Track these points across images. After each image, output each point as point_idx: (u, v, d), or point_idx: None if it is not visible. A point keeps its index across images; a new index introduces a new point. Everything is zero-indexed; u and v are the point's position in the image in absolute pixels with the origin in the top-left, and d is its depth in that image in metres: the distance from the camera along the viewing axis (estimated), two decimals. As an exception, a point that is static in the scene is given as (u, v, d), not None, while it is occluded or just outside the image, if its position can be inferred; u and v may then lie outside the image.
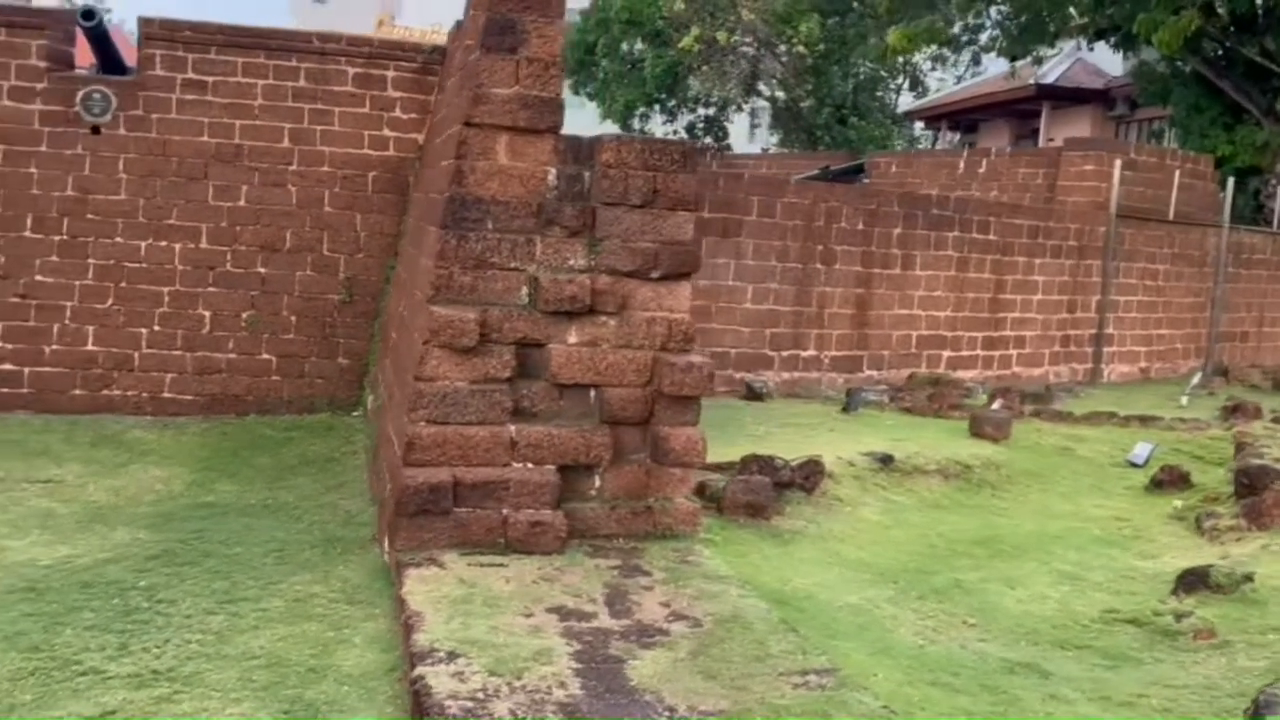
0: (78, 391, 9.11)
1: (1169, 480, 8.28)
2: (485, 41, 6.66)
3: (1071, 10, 20.92)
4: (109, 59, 9.72)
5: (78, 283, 9.14)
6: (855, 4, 26.14)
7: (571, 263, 6.58)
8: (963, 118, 32.09)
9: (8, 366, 9.01)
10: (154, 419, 9.12)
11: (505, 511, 5.97)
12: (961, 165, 17.41)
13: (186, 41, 9.29)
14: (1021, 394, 11.15)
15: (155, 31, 9.31)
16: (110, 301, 9.19)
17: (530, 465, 6.17)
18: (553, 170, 6.70)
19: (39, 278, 9.10)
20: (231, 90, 9.38)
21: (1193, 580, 5.73)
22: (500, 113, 6.65)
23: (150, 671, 4.53)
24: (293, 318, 9.49)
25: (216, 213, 9.38)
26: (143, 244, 9.24)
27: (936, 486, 7.97)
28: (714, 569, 5.95)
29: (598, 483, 6.39)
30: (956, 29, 23.09)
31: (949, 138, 32.86)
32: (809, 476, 7.31)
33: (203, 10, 9.58)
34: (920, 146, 32.30)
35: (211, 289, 9.38)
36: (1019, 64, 23.55)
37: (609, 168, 6.61)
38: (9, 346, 9.01)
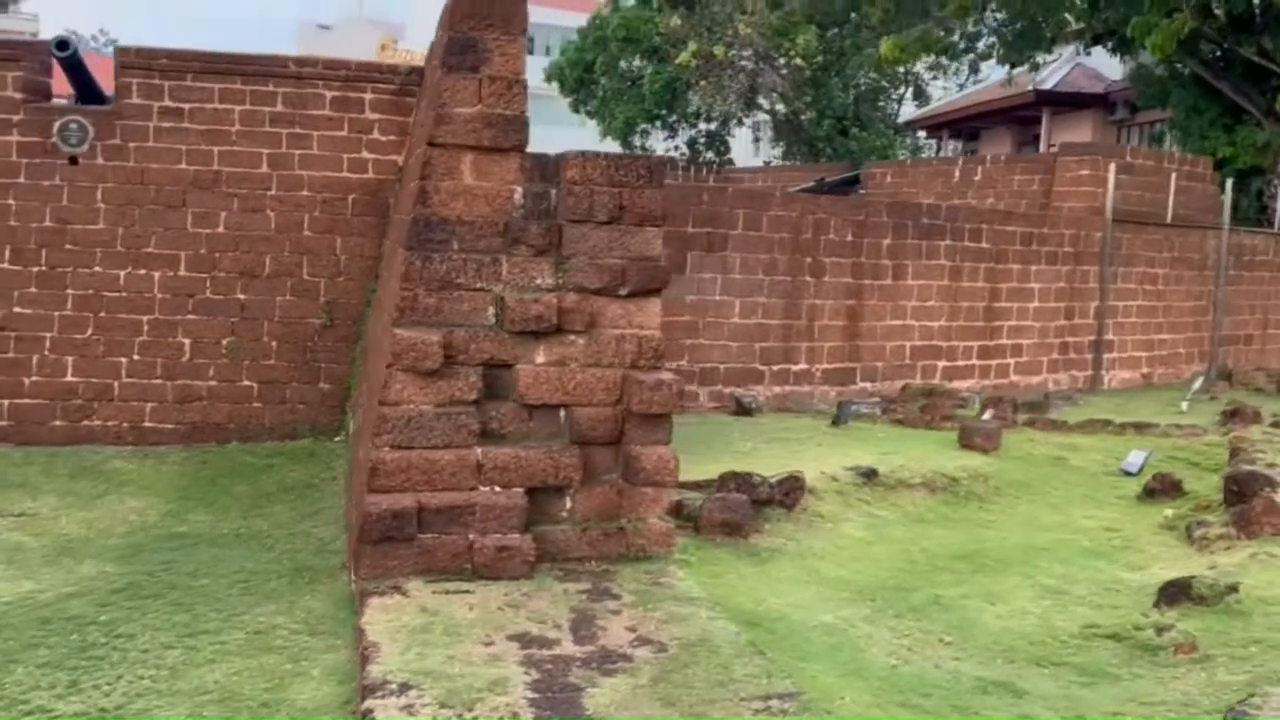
0: (58, 423, 9.06)
1: (1161, 488, 8.12)
2: (447, 60, 6.60)
3: (1067, 15, 20.79)
4: (87, 88, 9.71)
5: (57, 313, 9.10)
6: (852, 15, 26.09)
7: (539, 282, 6.50)
8: (964, 126, 31.96)
9: (-13, 399, 8.99)
10: (135, 449, 9.06)
11: (471, 536, 5.87)
12: (957, 173, 17.27)
13: (163, 69, 9.27)
14: (1016, 403, 10.99)
15: (131, 60, 9.29)
16: (90, 331, 9.15)
17: (498, 488, 6.08)
18: (519, 189, 6.63)
19: (17, 309, 9.06)
20: (209, 116, 9.35)
21: (1175, 592, 5.58)
22: (463, 132, 6.58)
23: (98, 710, 4.45)
24: (273, 343, 9.43)
25: (195, 240, 9.34)
26: (121, 273, 9.20)
27: (921, 500, 7.83)
28: (685, 591, 5.84)
29: (569, 504, 6.29)
30: (955, 37, 22.94)
31: (951, 146, 32.72)
32: (789, 493, 7.19)
33: (209, 40, 9.56)
34: (925, 155, 32.17)
35: (191, 316, 9.33)
36: (1017, 71, 23.39)
37: (574, 184, 6.53)
38: (-12, 379, 8.99)
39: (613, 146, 30.94)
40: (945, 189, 17.35)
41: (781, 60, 27.66)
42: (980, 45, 24.10)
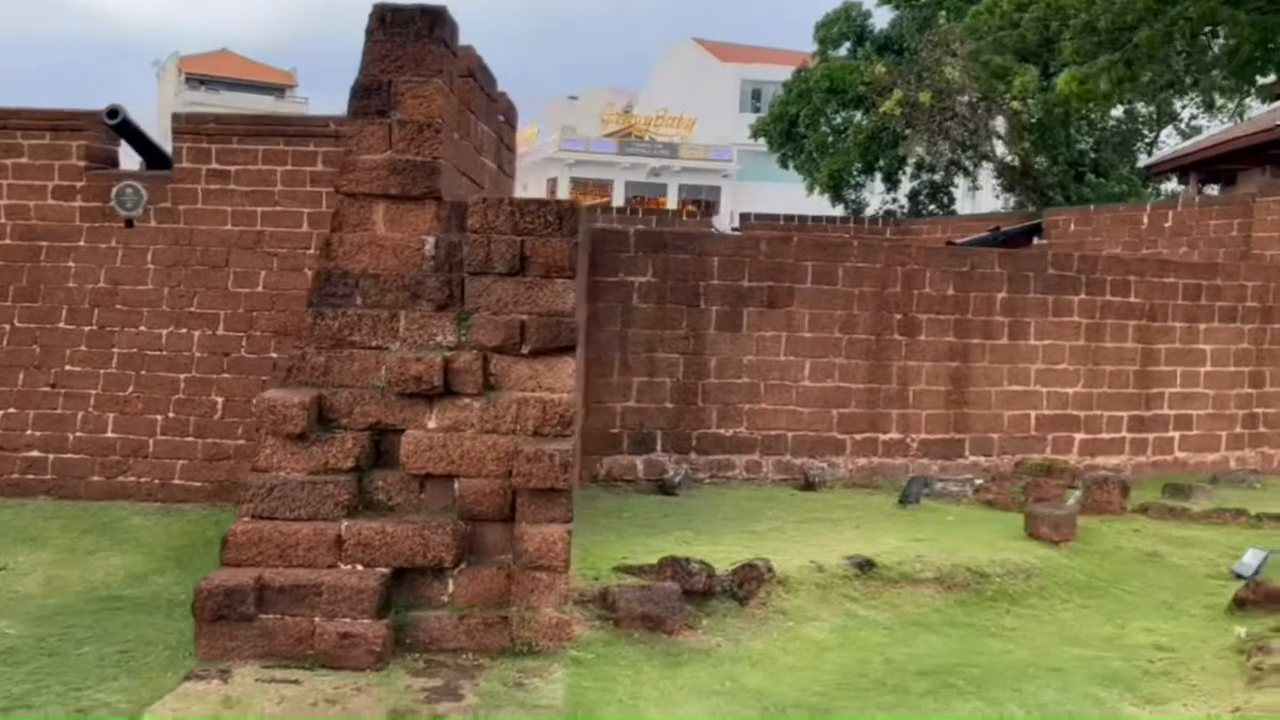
0: (95, 478, 9.30)
1: (1254, 599, 6.49)
2: (354, 105, 6.25)
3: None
4: (152, 154, 10.08)
5: (102, 371, 9.38)
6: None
7: (439, 339, 5.97)
8: (1218, 168, 28.68)
9: (34, 453, 9.33)
10: (161, 506, 9.14)
11: (317, 620, 5.33)
12: (1145, 219, 15.35)
13: (210, 133, 9.49)
14: (1126, 484, 9.08)
15: (182, 126, 9.58)
16: (130, 389, 9.38)
17: (360, 567, 5.52)
18: (431, 239, 6.15)
19: (68, 367, 9.41)
20: (253, 178, 9.47)
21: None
22: (369, 180, 6.20)
23: None
24: (301, 403, 9.31)
25: (235, 299, 9.43)
26: (164, 332, 9.40)
27: (928, 599, 6.59)
28: (544, 697, 5.06)
29: (450, 588, 5.65)
30: (1176, 67, 20.52)
31: (1198, 190, 29.45)
32: (743, 584, 6.21)
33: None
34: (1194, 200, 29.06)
35: (226, 375, 9.39)
36: (1254, 104, 20.69)
37: (474, 232, 5.98)
38: (36, 434, 9.34)
39: (820, 201, 29.98)
40: (1132, 237, 15.45)
41: (1002, 105, 25.89)
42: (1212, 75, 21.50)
